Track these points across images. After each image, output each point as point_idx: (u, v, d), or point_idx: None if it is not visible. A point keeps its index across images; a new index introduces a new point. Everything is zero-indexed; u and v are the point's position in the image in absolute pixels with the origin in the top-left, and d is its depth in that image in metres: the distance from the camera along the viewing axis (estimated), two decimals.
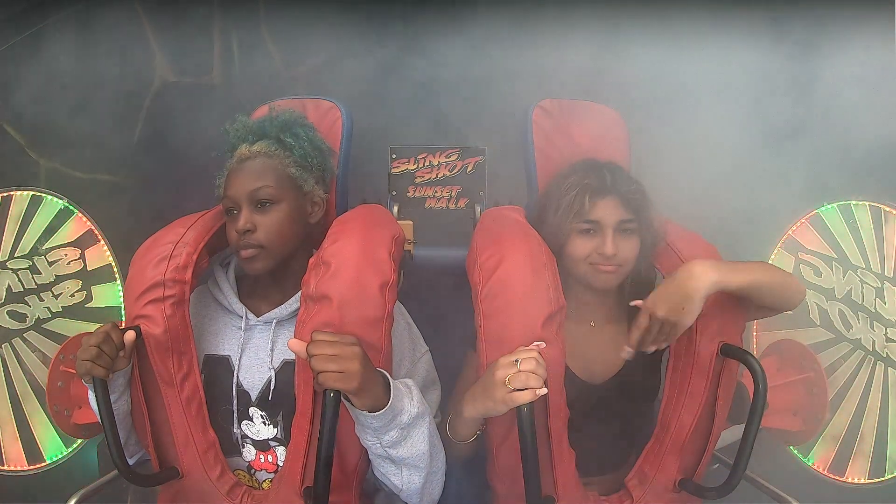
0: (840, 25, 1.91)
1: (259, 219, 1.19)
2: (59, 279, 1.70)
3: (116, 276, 1.75)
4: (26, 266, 1.67)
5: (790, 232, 1.75)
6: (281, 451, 1.22)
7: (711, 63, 2.08)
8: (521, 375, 1.01)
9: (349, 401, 1.01)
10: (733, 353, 1.14)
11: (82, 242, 1.73)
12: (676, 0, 2.06)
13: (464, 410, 1.10)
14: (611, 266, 1.22)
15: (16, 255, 1.66)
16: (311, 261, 1.15)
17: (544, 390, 1.01)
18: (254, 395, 1.21)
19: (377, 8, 2.07)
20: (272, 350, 1.22)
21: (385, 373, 1.06)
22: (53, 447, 1.67)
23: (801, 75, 2.04)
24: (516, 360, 1.03)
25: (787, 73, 2.07)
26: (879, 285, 1.59)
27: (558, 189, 1.27)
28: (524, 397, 1.00)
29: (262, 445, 1.22)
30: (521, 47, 2.12)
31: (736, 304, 1.20)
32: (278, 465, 1.21)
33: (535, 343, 1.07)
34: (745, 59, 2.12)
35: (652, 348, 1.14)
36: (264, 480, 1.23)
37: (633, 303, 1.18)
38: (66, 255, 1.71)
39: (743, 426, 1.12)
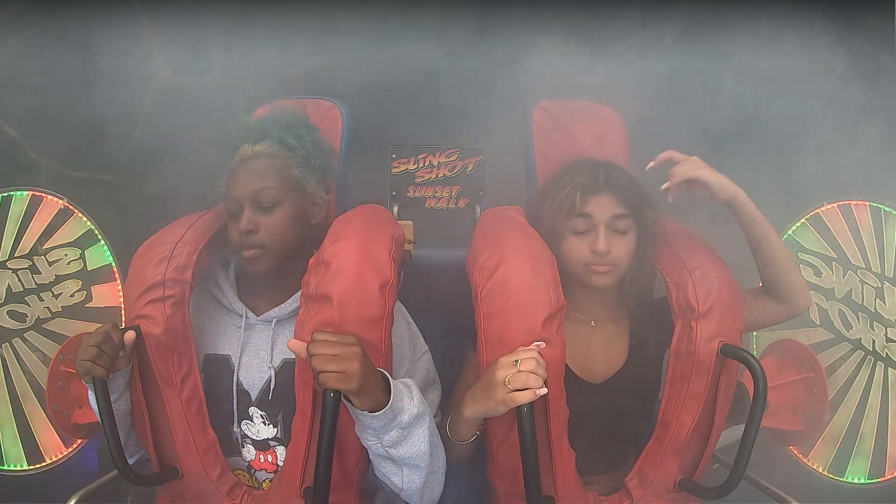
0: (840, 24, 1.91)
1: (261, 220, 1.19)
2: (59, 279, 1.70)
3: (116, 276, 1.75)
4: (26, 266, 1.66)
5: (790, 232, 1.75)
6: (281, 451, 1.22)
7: (711, 63, 2.08)
8: (520, 375, 1.01)
9: (349, 401, 1.01)
10: (733, 353, 1.14)
11: (82, 242, 1.73)
12: (677, 1, 2.06)
13: (464, 410, 1.10)
14: (605, 266, 1.22)
15: (16, 255, 1.66)
16: (311, 260, 1.15)
17: (544, 390, 1.01)
18: (254, 394, 1.21)
19: (377, 8, 2.07)
20: (272, 349, 1.23)
21: (385, 373, 1.06)
22: (53, 447, 1.67)
23: (800, 74, 2.04)
24: (516, 361, 1.03)
25: (787, 73, 2.08)
26: (879, 285, 1.59)
27: (553, 187, 1.27)
28: (524, 397, 1.00)
29: (261, 445, 1.22)
30: (522, 47, 2.12)
31: (737, 303, 1.20)
32: (278, 465, 1.21)
33: (536, 343, 1.07)
34: (743, 59, 2.12)
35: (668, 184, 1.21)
36: (264, 480, 1.23)
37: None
38: (66, 255, 1.70)
39: (743, 426, 1.12)
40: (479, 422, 1.13)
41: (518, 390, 1.01)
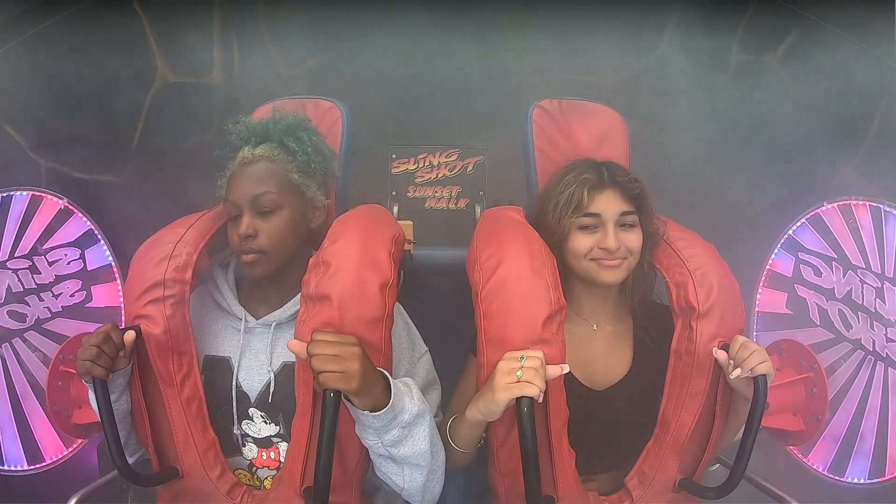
0: (840, 25, 1.91)
1: (261, 224, 1.19)
2: (59, 279, 1.70)
3: (116, 276, 1.75)
4: (26, 266, 1.67)
5: (790, 232, 1.74)
6: (284, 447, 1.21)
7: (711, 63, 2.08)
8: (528, 371, 1.01)
9: (349, 401, 1.01)
10: None
11: (82, 242, 1.73)
12: (670, 3, 2.06)
13: (466, 413, 1.10)
14: (615, 260, 1.21)
15: (16, 255, 1.66)
16: (311, 261, 1.15)
17: (540, 397, 1.01)
18: (253, 396, 1.21)
19: (377, 8, 2.07)
20: (271, 353, 1.22)
21: (385, 372, 1.06)
22: (53, 447, 1.67)
23: (800, 75, 2.04)
24: (521, 357, 1.03)
25: (787, 73, 2.08)
26: (879, 285, 1.59)
27: (557, 186, 1.26)
28: (530, 389, 1.00)
29: (264, 443, 1.22)
30: (522, 47, 2.13)
31: (737, 303, 1.20)
32: (280, 462, 1.21)
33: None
34: (746, 58, 2.12)
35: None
36: (266, 478, 1.23)
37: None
38: (66, 255, 1.70)
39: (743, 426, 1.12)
40: (482, 428, 1.13)
41: (525, 382, 1.01)
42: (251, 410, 1.22)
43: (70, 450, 1.69)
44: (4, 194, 1.67)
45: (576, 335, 1.27)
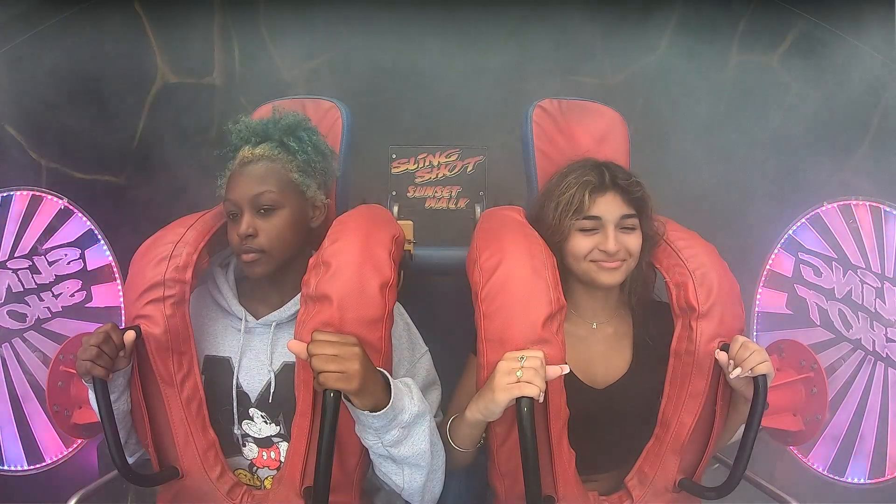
0: (840, 25, 1.91)
1: (261, 224, 1.19)
2: (59, 279, 1.70)
3: (116, 276, 1.75)
4: (26, 266, 1.66)
5: (790, 232, 1.74)
6: (284, 447, 1.22)
7: (711, 63, 2.09)
8: (528, 371, 1.01)
9: (349, 401, 1.01)
10: None
11: (82, 242, 1.73)
12: (671, 4, 2.06)
13: (466, 412, 1.10)
14: (614, 262, 1.22)
15: (16, 255, 1.66)
16: (311, 261, 1.15)
17: (541, 396, 1.01)
18: (253, 396, 1.22)
19: (377, 8, 2.07)
20: (272, 353, 1.23)
21: (385, 372, 1.06)
22: (53, 447, 1.67)
23: (800, 75, 2.04)
24: (521, 357, 1.03)
25: (787, 73, 2.08)
26: (879, 285, 1.59)
27: (557, 187, 1.26)
28: (530, 390, 1.00)
29: (264, 443, 1.22)
30: (521, 47, 2.13)
31: (737, 303, 1.20)
32: (281, 461, 1.22)
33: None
34: (746, 58, 2.12)
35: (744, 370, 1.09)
36: (266, 478, 1.23)
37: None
38: (66, 255, 1.70)
39: (742, 426, 1.12)
40: (482, 428, 1.13)
41: (525, 382, 1.01)
42: (251, 410, 1.22)
43: (70, 450, 1.69)
44: (4, 194, 1.67)
45: (575, 334, 1.28)
